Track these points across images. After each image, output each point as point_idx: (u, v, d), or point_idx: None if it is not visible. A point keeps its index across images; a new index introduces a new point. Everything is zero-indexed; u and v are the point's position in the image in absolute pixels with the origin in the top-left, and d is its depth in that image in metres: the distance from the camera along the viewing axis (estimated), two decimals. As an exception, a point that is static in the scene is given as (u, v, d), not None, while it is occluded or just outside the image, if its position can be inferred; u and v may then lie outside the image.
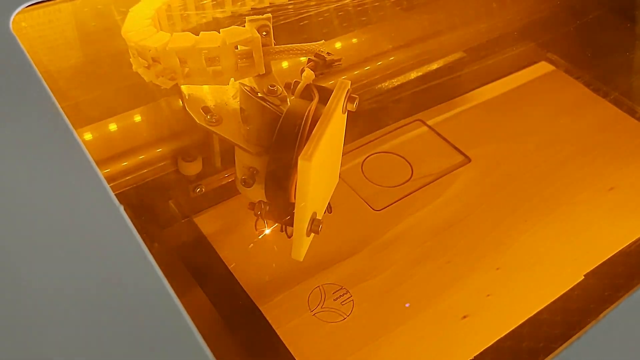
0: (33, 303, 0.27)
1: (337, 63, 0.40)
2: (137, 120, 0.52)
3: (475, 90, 0.67)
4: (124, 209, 0.30)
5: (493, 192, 0.56)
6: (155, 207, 0.53)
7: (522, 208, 0.54)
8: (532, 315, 0.46)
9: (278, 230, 0.49)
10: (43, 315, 0.27)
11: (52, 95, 0.36)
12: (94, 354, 0.26)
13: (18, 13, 0.42)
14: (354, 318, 0.45)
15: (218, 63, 0.41)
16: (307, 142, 0.35)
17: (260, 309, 0.46)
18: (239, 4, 0.51)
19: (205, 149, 0.51)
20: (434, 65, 0.68)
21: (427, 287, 0.48)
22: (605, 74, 0.68)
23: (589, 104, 0.66)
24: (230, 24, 0.41)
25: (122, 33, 0.43)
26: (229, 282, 0.47)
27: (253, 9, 0.52)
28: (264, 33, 0.41)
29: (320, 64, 0.40)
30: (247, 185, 0.42)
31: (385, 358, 0.43)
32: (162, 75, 0.41)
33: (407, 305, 0.46)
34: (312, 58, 0.40)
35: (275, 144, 0.38)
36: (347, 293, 0.47)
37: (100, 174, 0.32)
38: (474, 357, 0.44)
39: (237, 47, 0.40)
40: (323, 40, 0.41)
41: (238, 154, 0.43)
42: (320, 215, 0.41)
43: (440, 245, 0.51)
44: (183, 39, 0.40)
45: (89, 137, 0.50)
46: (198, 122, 0.43)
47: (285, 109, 0.39)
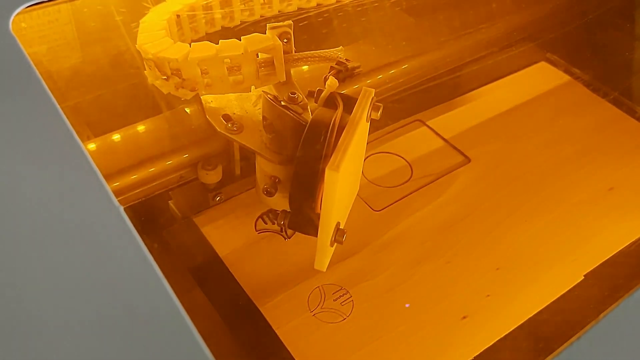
0: (33, 303, 0.27)
1: (357, 70, 0.40)
2: (151, 129, 0.51)
3: (475, 90, 0.67)
4: (124, 210, 0.31)
5: (493, 192, 0.56)
6: (155, 207, 0.53)
7: (522, 208, 0.54)
8: (532, 316, 0.46)
9: (278, 231, 0.50)
10: (43, 316, 0.27)
11: (51, 96, 0.36)
12: (94, 355, 0.26)
13: (18, 13, 0.42)
14: (354, 318, 0.45)
15: (239, 72, 0.40)
16: (333, 151, 0.35)
17: (260, 309, 0.45)
18: (248, 14, 0.51)
19: (225, 158, 0.50)
20: (434, 65, 0.68)
21: (427, 287, 0.48)
22: (605, 74, 0.68)
23: (589, 104, 0.66)
24: (240, 34, 0.41)
25: (137, 46, 0.42)
26: (229, 282, 0.47)
27: (262, 17, 0.51)
28: (285, 40, 0.40)
29: (343, 71, 0.40)
30: (269, 195, 0.42)
31: (385, 358, 0.43)
32: (182, 87, 0.41)
33: (407, 306, 0.46)
34: (334, 66, 0.40)
35: (301, 154, 0.37)
36: (347, 293, 0.47)
37: (100, 174, 0.32)
38: (474, 357, 0.43)
39: (257, 54, 0.40)
40: (341, 47, 0.41)
41: (259, 163, 0.43)
42: (343, 225, 0.41)
43: (440, 245, 0.51)
44: (204, 49, 0.40)
45: (102, 143, 0.49)
46: (219, 130, 0.42)
47: (309, 118, 0.38)
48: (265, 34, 0.40)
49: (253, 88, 0.42)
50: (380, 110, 0.39)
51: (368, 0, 0.62)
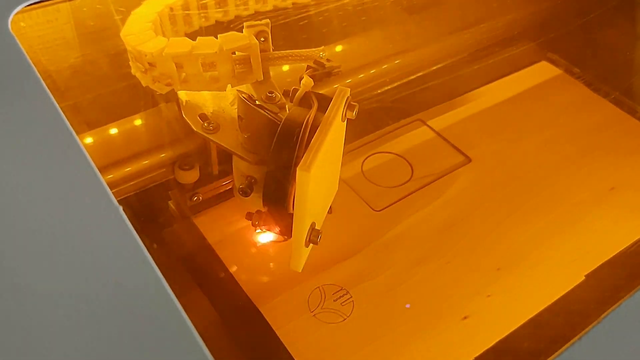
0: (32, 304, 0.27)
1: (336, 70, 0.40)
2: (134, 126, 0.51)
3: (476, 90, 0.67)
4: (123, 210, 0.30)
5: (493, 192, 0.56)
6: (155, 208, 0.53)
7: (522, 208, 0.54)
8: (532, 316, 0.46)
9: (278, 232, 0.49)
10: (42, 316, 0.27)
11: (50, 95, 0.36)
12: (94, 355, 0.26)
13: (17, 13, 0.42)
14: (354, 319, 0.45)
15: (215, 69, 0.40)
16: (306, 150, 0.34)
17: (260, 310, 0.45)
18: (242, 8, 0.51)
19: (202, 157, 0.50)
20: (434, 66, 0.68)
21: (427, 287, 0.48)
22: (606, 74, 0.68)
23: (590, 104, 0.66)
24: (234, 28, 0.40)
25: (121, 36, 0.42)
26: (229, 282, 0.47)
27: (257, 12, 0.51)
28: (262, 39, 0.40)
29: (320, 71, 0.39)
30: (244, 195, 0.42)
31: (385, 359, 0.43)
32: (158, 81, 0.41)
33: (407, 306, 0.46)
34: (311, 65, 0.40)
35: (273, 153, 0.37)
36: (347, 294, 0.47)
37: (100, 175, 0.32)
38: (475, 358, 0.43)
39: (234, 53, 0.40)
40: (323, 47, 0.40)
41: (236, 163, 0.42)
42: (320, 225, 0.40)
43: (441, 246, 0.51)
44: (180, 44, 0.40)
45: (89, 141, 0.49)
46: (195, 129, 0.42)
47: (284, 117, 0.38)
48: (242, 33, 0.40)
49: (230, 87, 0.41)
50: (356, 110, 0.38)
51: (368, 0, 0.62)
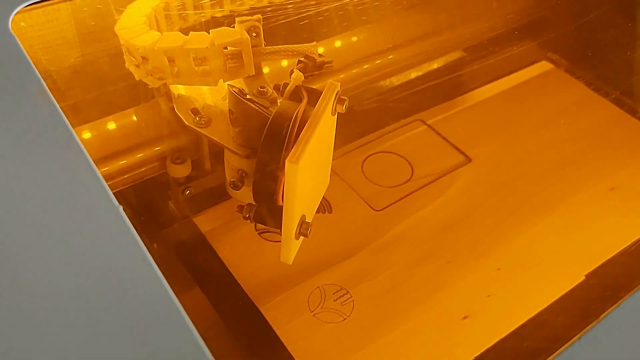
0: (32, 303, 0.27)
1: (327, 64, 0.40)
2: (127, 120, 0.51)
3: (476, 90, 0.67)
4: (123, 209, 0.30)
5: (493, 192, 0.56)
6: (155, 207, 0.53)
7: (522, 208, 0.54)
8: (533, 316, 0.46)
9: (278, 231, 0.49)
10: (42, 315, 0.27)
11: (51, 95, 0.36)
12: (93, 354, 0.26)
13: (17, 13, 0.42)
14: (354, 318, 0.45)
15: (206, 63, 0.40)
16: (295, 144, 0.35)
17: (260, 309, 0.45)
18: (238, 3, 0.51)
19: (195, 151, 0.51)
20: (434, 65, 0.68)
21: (427, 287, 0.48)
22: (606, 74, 0.68)
23: (590, 104, 0.66)
24: (229, 23, 0.41)
25: (115, 29, 0.43)
26: (229, 282, 0.47)
27: (252, 8, 0.51)
28: (254, 34, 0.40)
29: (310, 66, 0.39)
30: (235, 188, 0.42)
31: (386, 359, 0.43)
32: (151, 75, 0.41)
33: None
34: (301, 59, 0.40)
35: (263, 146, 0.37)
36: (347, 293, 0.47)
37: (100, 174, 0.32)
38: (475, 357, 0.43)
39: (226, 48, 0.40)
40: (315, 42, 0.40)
41: (227, 156, 0.43)
42: (310, 219, 0.40)
43: (440, 245, 0.51)
44: (172, 39, 0.40)
45: (87, 135, 0.49)
46: (187, 123, 0.42)
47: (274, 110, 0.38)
48: (234, 28, 0.40)
49: (222, 81, 0.42)
50: (346, 104, 0.38)
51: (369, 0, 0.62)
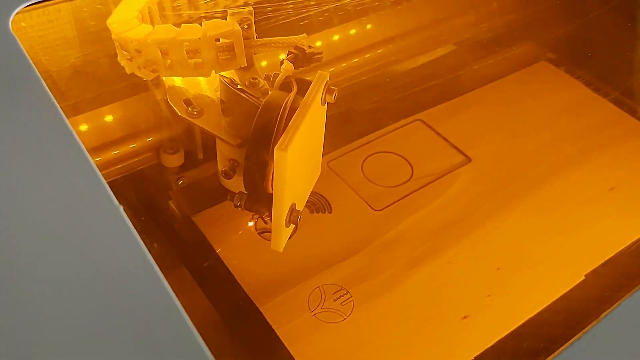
0: (32, 303, 0.27)
1: (317, 56, 0.40)
2: (121, 111, 0.52)
3: (475, 90, 0.67)
4: (123, 209, 0.30)
5: (493, 192, 0.56)
6: (155, 206, 0.53)
7: (522, 208, 0.54)
8: (532, 316, 0.46)
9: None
10: (42, 315, 0.27)
11: (51, 95, 0.36)
12: (94, 354, 0.26)
13: (17, 13, 0.42)
14: (354, 318, 0.45)
15: (199, 55, 0.41)
16: (284, 132, 0.35)
17: (260, 309, 0.45)
18: (232, 1, 0.51)
19: (188, 141, 0.51)
20: (434, 65, 0.68)
21: (427, 287, 0.48)
22: (606, 74, 0.68)
23: (589, 104, 0.66)
24: (223, 19, 0.41)
25: (107, 23, 0.43)
26: (229, 282, 0.47)
27: (246, 4, 0.52)
28: (246, 26, 0.41)
29: (300, 57, 0.40)
30: (227, 177, 0.43)
31: (386, 359, 0.43)
32: (143, 67, 0.41)
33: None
34: (291, 50, 0.40)
35: (253, 135, 0.38)
36: (347, 293, 0.47)
37: (100, 174, 0.32)
38: (475, 357, 0.43)
39: (218, 39, 0.41)
40: (305, 34, 0.41)
41: (219, 146, 0.43)
42: (301, 207, 0.41)
43: (441, 245, 0.51)
44: (164, 31, 0.40)
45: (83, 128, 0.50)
46: (179, 114, 0.43)
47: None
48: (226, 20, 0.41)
49: (214, 73, 0.42)
50: (335, 94, 0.39)
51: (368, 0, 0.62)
